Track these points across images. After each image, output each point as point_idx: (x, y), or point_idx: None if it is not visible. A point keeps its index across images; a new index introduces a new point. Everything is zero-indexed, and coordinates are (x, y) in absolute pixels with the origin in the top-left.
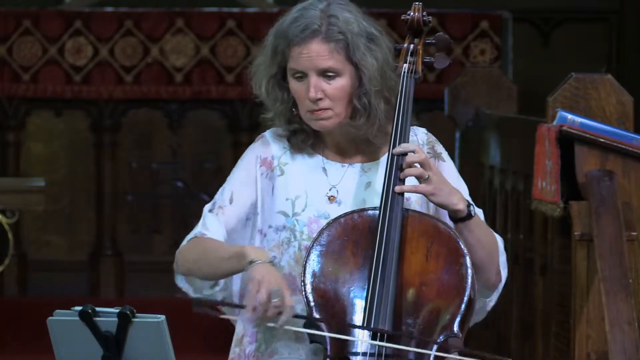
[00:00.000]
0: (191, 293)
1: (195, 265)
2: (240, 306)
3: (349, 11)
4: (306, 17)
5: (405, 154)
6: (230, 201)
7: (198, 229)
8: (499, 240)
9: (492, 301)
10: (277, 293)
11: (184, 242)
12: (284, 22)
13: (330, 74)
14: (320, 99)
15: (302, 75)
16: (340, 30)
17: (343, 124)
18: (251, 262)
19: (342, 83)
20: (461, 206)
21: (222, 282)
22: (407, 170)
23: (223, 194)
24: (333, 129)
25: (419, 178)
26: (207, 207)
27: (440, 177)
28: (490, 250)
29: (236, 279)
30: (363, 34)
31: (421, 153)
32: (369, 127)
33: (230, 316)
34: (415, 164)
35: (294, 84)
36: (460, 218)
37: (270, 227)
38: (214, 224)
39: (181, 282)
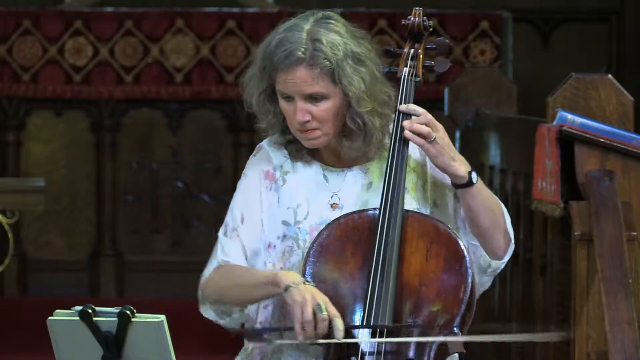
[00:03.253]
0: (219, 321)
1: (225, 294)
2: (290, 328)
3: (336, 32)
4: (291, 42)
5: (410, 115)
6: (242, 221)
7: (219, 257)
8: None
9: (503, 264)
10: (320, 308)
11: (208, 273)
12: (270, 43)
13: (317, 96)
14: (307, 121)
15: (290, 97)
16: (326, 57)
17: (341, 145)
18: (287, 288)
19: (328, 105)
20: (462, 172)
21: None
22: (416, 126)
23: (233, 216)
24: (324, 145)
25: (426, 138)
26: (220, 232)
27: (446, 140)
28: (495, 215)
29: (262, 310)
30: (349, 56)
31: (427, 115)
32: (366, 145)
33: (285, 341)
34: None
35: (282, 103)
36: (462, 184)
37: (278, 237)
38: (232, 248)
39: (206, 312)
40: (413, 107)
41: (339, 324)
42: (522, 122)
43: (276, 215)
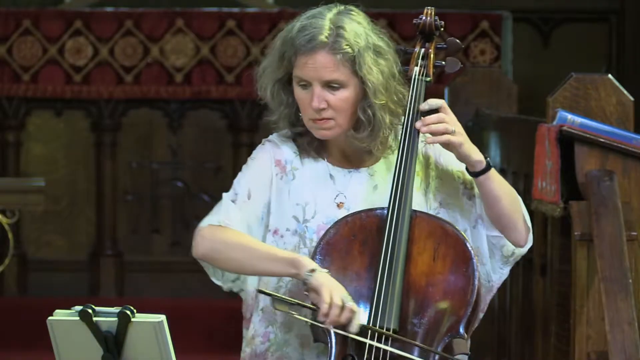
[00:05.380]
0: (212, 277)
1: (223, 252)
2: (313, 307)
3: (358, 22)
4: (314, 27)
5: (430, 111)
6: (249, 197)
7: (221, 217)
8: None
9: (524, 252)
10: (348, 298)
11: (205, 225)
12: (292, 29)
13: (335, 85)
14: (323, 109)
15: (307, 84)
16: (348, 43)
17: (347, 135)
18: (312, 271)
19: (346, 94)
20: (479, 156)
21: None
22: (436, 126)
23: (241, 187)
24: (335, 138)
25: (446, 132)
26: (227, 196)
27: (462, 129)
28: (514, 198)
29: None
30: (370, 47)
31: (445, 109)
32: (372, 139)
33: (301, 317)
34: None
35: (298, 91)
36: (480, 171)
37: (287, 229)
38: (237, 216)
39: (203, 262)
40: (433, 102)
41: (359, 320)
42: (522, 122)
43: (286, 206)
